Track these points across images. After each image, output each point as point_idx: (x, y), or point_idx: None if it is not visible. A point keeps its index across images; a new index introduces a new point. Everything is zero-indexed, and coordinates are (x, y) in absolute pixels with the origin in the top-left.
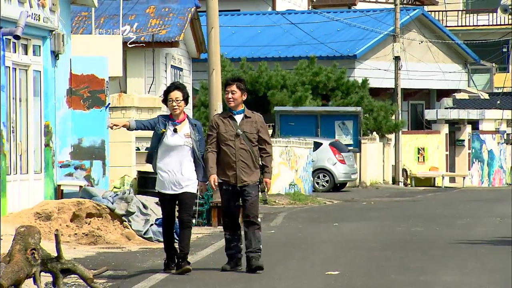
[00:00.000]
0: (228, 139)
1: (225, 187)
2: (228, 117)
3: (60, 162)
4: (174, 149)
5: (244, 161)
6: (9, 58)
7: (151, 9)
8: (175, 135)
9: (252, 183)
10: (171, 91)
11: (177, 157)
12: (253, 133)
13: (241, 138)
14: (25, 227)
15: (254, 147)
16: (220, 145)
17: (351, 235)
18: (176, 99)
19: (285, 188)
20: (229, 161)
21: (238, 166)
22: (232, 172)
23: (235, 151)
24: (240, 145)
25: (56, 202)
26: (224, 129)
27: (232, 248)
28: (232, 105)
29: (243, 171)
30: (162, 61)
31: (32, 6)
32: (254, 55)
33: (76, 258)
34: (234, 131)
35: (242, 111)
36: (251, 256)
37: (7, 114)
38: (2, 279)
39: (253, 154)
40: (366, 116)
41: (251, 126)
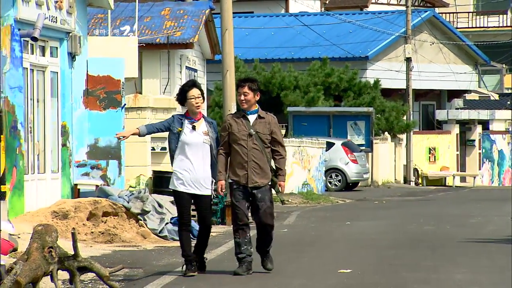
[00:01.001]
0: (240, 139)
1: (235, 187)
2: (242, 117)
3: (76, 162)
4: (193, 147)
5: (256, 161)
6: (27, 59)
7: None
8: (193, 132)
9: (263, 186)
10: (191, 89)
11: (197, 155)
12: (266, 133)
13: (253, 138)
14: (42, 225)
15: (266, 148)
16: (232, 144)
17: (363, 233)
18: (198, 96)
19: (298, 187)
20: (240, 161)
21: (250, 166)
22: (243, 172)
23: (247, 151)
24: (253, 145)
25: (73, 201)
26: (237, 128)
27: (242, 252)
28: (245, 107)
29: (254, 172)
30: (177, 62)
31: (49, 9)
32: (267, 57)
33: (93, 256)
34: (247, 131)
35: (256, 111)
36: (262, 259)
37: (25, 115)
38: (20, 276)
39: (266, 155)
40: (378, 117)
41: (264, 127)
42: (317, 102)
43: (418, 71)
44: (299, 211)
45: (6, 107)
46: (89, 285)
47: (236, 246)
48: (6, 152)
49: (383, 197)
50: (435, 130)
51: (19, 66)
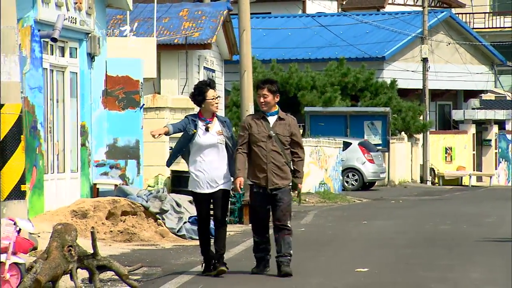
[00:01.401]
0: (260, 140)
1: (255, 190)
2: (261, 118)
3: (96, 162)
4: (208, 148)
5: (275, 163)
6: (46, 60)
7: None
8: (207, 134)
9: (283, 187)
10: (209, 90)
11: (212, 156)
12: (285, 135)
13: (273, 140)
14: (62, 224)
15: (286, 149)
16: (251, 146)
17: (380, 233)
18: (217, 96)
19: (315, 187)
20: (260, 163)
21: (269, 168)
22: (263, 174)
23: (267, 153)
24: (272, 147)
25: (92, 201)
26: (257, 130)
27: (261, 251)
28: (265, 109)
29: (274, 174)
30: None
31: (69, 10)
32: (284, 57)
33: (112, 255)
34: (267, 133)
35: (276, 112)
36: (280, 261)
37: (44, 115)
38: (40, 275)
39: (285, 156)
40: (395, 117)
41: (284, 129)
42: (334, 102)
43: (435, 71)
44: (316, 210)
45: (26, 107)
46: (108, 284)
47: (255, 245)
48: (26, 152)
49: (400, 196)
50: (452, 130)
51: (39, 67)
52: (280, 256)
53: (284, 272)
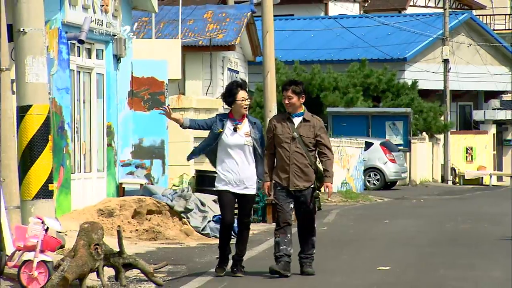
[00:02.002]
0: (283, 142)
1: (279, 188)
2: (287, 119)
3: (121, 161)
4: (234, 148)
5: (298, 165)
6: (73, 61)
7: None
8: (235, 134)
9: (306, 189)
10: (239, 91)
11: (239, 157)
12: (309, 137)
13: (296, 141)
14: (88, 223)
15: (310, 151)
16: (276, 147)
17: (401, 231)
18: (247, 98)
19: (337, 186)
20: (283, 164)
21: (292, 169)
22: (285, 175)
23: (290, 154)
24: (295, 149)
25: (118, 200)
26: (281, 131)
27: (280, 251)
28: (290, 110)
29: (296, 175)
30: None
31: (95, 12)
32: (307, 58)
33: (137, 253)
34: (291, 134)
35: (301, 113)
36: (303, 262)
37: (71, 115)
38: (67, 272)
39: (309, 158)
40: (416, 117)
41: (309, 130)
42: (356, 103)
43: (456, 72)
44: (339, 209)
45: (53, 108)
46: (134, 281)
47: (276, 245)
48: (53, 151)
49: (421, 196)
50: (472, 130)
51: (66, 68)
52: (303, 256)
53: (307, 272)
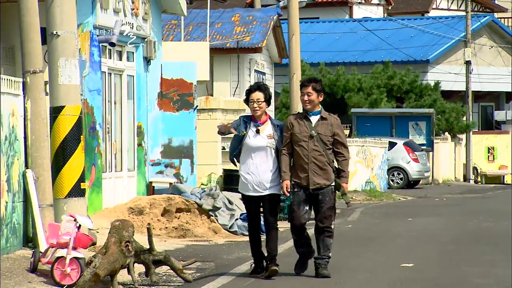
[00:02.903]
0: (301, 140)
1: (296, 189)
2: (304, 118)
3: (151, 161)
4: (256, 150)
5: (316, 163)
6: (105, 63)
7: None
8: (257, 136)
9: (325, 187)
10: (253, 92)
11: (261, 159)
12: (327, 135)
13: (314, 139)
14: (119, 221)
15: (328, 149)
16: (293, 146)
17: (424, 229)
18: (257, 100)
19: (361, 185)
20: (301, 163)
21: (311, 168)
22: (304, 174)
23: (308, 152)
24: (314, 147)
25: (148, 198)
26: (299, 129)
27: (301, 246)
28: (308, 107)
29: (315, 173)
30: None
31: (126, 15)
32: (332, 60)
33: (167, 250)
34: (308, 132)
35: (319, 112)
36: (318, 263)
37: (103, 116)
38: (99, 269)
39: (327, 156)
40: (439, 117)
41: (326, 129)
42: (380, 104)
43: (477, 73)
44: (363, 207)
45: (85, 109)
46: (164, 278)
47: (295, 242)
48: (85, 151)
49: (444, 194)
50: (494, 130)
51: (97, 70)
52: (319, 258)
53: (322, 275)
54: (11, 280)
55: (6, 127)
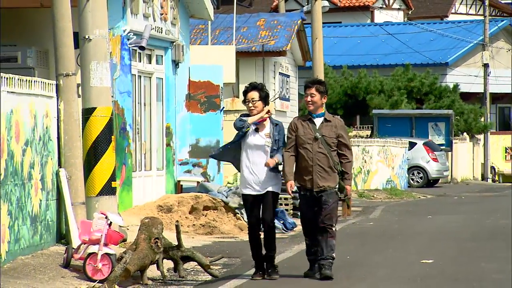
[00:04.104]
0: (306, 143)
1: (302, 193)
2: (308, 120)
3: (179, 160)
4: (255, 149)
5: (321, 165)
6: (135, 66)
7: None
8: (256, 135)
9: (329, 189)
10: (248, 92)
11: (259, 157)
12: (332, 137)
13: (319, 141)
14: (149, 218)
15: (332, 151)
16: (298, 148)
17: (443, 226)
18: (252, 100)
19: (382, 183)
20: (306, 165)
21: (315, 170)
22: (309, 176)
23: (313, 155)
24: (318, 149)
25: (176, 196)
26: (303, 132)
27: (313, 254)
28: (311, 108)
29: (319, 176)
30: (271, 68)
31: (155, 20)
32: (354, 63)
33: (194, 247)
34: (313, 135)
35: (322, 114)
36: (321, 264)
37: (133, 117)
38: (129, 265)
39: (331, 159)
40: (457, 118)
41: (331, 130)
42: (400, 105)
43: (495, 76)
44: (384, 205)
45: (116, 110)
46: (191, 273)
47: (307, 248)
48: (116, 151)
49: (462, 193)
50: (511, 130)
51: (128, 73)
52: (322, 258)
53: (325, 275)
54: (45, 275)
55: (40, 128)
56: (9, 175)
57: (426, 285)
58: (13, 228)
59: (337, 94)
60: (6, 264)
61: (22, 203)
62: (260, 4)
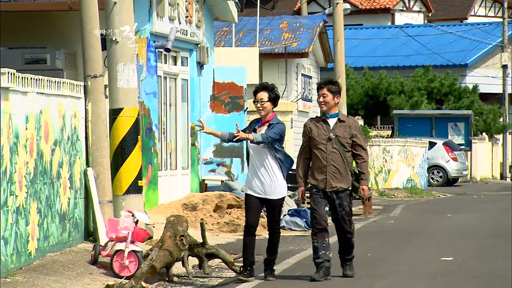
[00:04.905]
0: (320, 143)
1: (315, 190)
2: (321, 121)
3: (204, 160)
4: (254, 151)
5: (335, 165)
6: (160, 68)
7: (284, 24)
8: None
9: (343, 191)
10: (258, 92)
11: (260, 160)
12: (346, 137)
13: (333, 142)
14: (174, 216)
15: (346, 152)
16: (312, 149)
17: (463, 225)
18: (261, 100)
19: (402, 182)
20: (320, 165)
21: (329, 170)
22: (322, 176)
23: (327, 155)
24: (332, 149)
25: (201, 195)
26: (317, 132)
27: (320, 257)
28: (324, 108)
29: (333, 176)
30: (294, 70)
31: (180, 23)
32: (375, 64)
33: (219, 244)
34: (327, 135)
35: (336, 114)
36: (343, 264)
37: (158, 117)
38: (155, 261)
39: (345, 159)
40: (476, 119)
41: (344, 131)
42: (420, 106)
43: None
44: (404, 204)
45: (142, 111)
46: (216, 270)
47: (314, 251)
48: (142, 151)
49: (481, 192)
50: None
51: (154, 74)
52: (343, 259)
53: (347, 275)
54: (73, 271)
55: (68, 128)
56: (39, 174)
57: (445, 282)
58: (42, 225)
59: (358, 95)
60: (36, 261)
61: (51, 201)
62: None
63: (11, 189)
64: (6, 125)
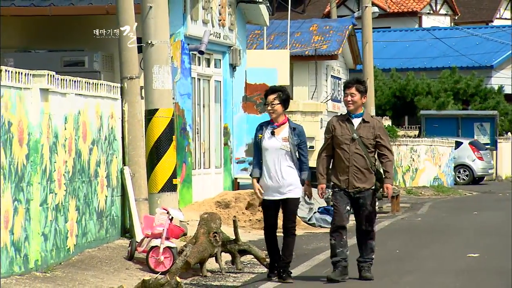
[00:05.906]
0: (343, 143)
1: (336, 189)
2: (346, 120)
3: (236, 159)
4: (271, 152)
5: (357, 166)
6: (194, 70)
7: (314, 27)
8: (272, 138)
9: (365, 191)
10: (268, 95)
11: (275, 161)
12: (369, 138)
13: (356, 142)
14: (208, 213)
15: (369, 153)
16: (335, 148)
17: (489, 222)
18: (271, 103)
19: (429, 181)
20: (342, 166)
21: (351, 171)
22: (345, 177)
23: (349, 155)
24: (355, 150)
25: (234, 193)
26: (340, 132)
27: (337, 255)
28: (351, 108)
29: (355, 177)
30: (323, 71)
31: (214, 26)
32: (402, 66)
33: (251, 241)
34: (350, 135)
35: (361, 114)
36: (361, 266)
37: (192, 118)
38: (189, 257)
39: (368, 160)
40: (502, 119)
41: (368, 131)
42: (447, 106)
43: None
44: (431, 202)
45: (177, 111)
46: (248, 266)
47: (331, 249)
48: (177, 150)
49: (506, 190)
50: None
51: (188, 76)
52: (362, 261)
53: (365, 277)
54: (110, 267)
55: (106, 128)
56: (77, 172)
57: (472, 277)
58: (80, 222)
59: (386, 96)
60: (74, 257)
61: (89, 199)
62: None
63: (51, 187)
64: (46, 125)
